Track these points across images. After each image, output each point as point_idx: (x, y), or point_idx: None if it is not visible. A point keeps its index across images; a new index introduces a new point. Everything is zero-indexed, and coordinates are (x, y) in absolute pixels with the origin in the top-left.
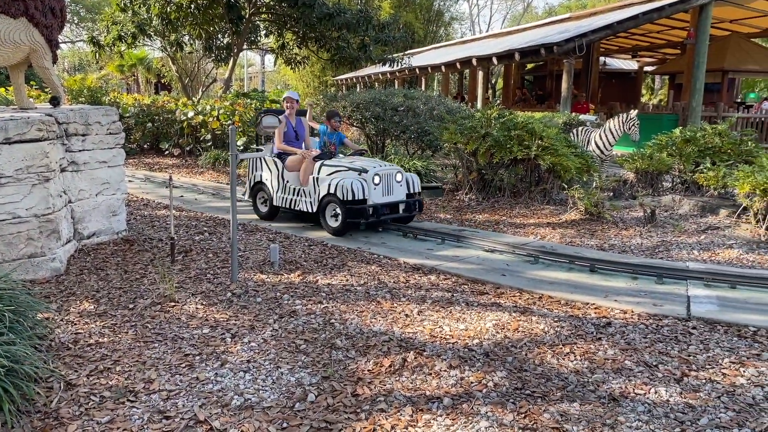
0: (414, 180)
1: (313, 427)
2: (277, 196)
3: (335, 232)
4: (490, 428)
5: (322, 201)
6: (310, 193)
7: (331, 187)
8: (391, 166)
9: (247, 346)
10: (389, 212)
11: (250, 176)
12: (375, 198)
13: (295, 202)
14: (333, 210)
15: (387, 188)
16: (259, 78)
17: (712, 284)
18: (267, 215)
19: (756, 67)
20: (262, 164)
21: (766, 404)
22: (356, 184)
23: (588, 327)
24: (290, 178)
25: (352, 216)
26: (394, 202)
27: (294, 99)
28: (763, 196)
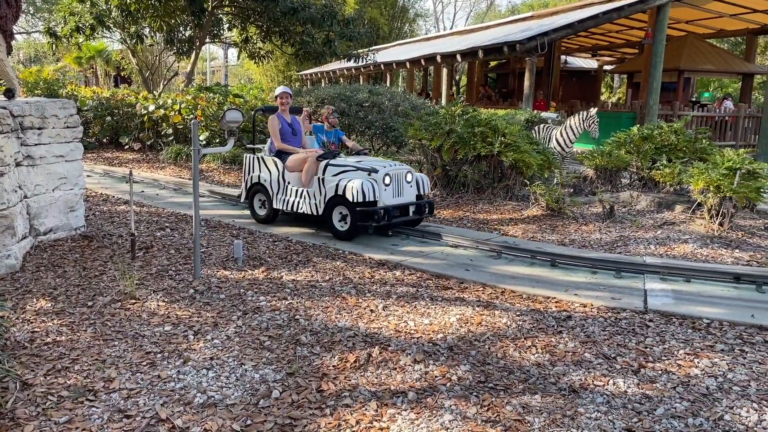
0: (424, 180)
1: (277, 424)
2: (278, 198)
3: (343, 236)
4: (454, 421)
5: (329, 203)
6: (315, 194)
7: (339, 188)
8: (400, 166)
9: (210, 344)
10: (399, 214)
11: (247, 177)
12: (385, 199)
13: (298, 205)
14: (341, 213)
15: (397, 189)
16: (222, 72)
17: (668, 278)
18: (266, 218)
19: (710, 67)
20: (260, 164)
21: (720, 394)
22: (366, 184)
23: (549, 320)
24: (292, 178)
25: (362, 219)
26: (405, 203)
27: (288, 94)
28: (717, 192)
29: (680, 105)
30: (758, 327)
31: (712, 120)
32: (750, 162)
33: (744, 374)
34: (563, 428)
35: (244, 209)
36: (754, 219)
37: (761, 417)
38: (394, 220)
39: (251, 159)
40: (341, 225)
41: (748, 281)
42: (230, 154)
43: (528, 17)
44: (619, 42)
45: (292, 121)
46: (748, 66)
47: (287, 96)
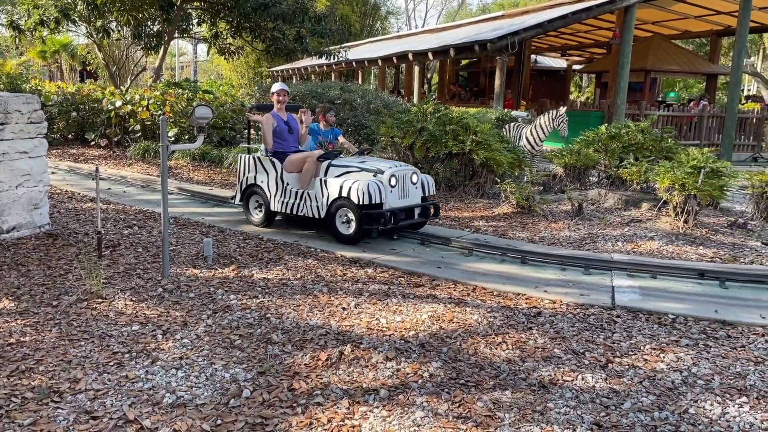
0: (429, 181)
1: (248, 423)
2: (275, 201)
3: (347, 240)
4: (426, 418)
5: (332, 205)
6: (317, 196)
7: (344, 189)
8: (406, 166)
9: (179, 343)
10: (404, 217)
11: (242, 178)
12: (391, 201)
13: (298, 207)
14: (345, 215)
15: (403, 190)
16: (191, 68)
17: (635, 275)
18: (262, 221)
19: (676, 68)
20: (256, 164)
21: (685, 388)
22: (372, 186)
23: (519, 317)
24: (291, 180)
25: (368, 222)
26: (410, 205)
27: (286, 92)
28: (682, 190)
29: (647, 105)
30: (721, 322)
31: (679, 119)
32: (714, 161)
33: (708, 368)
34: (533, 423)
35: (214, 206)
36: (717, 217)
37: (724, 410)
38: (401, 223)
39: (246, 159)
40: (345, 228)
41: (712, 277)
42: (200, 150)
43: (499, 16)
44: (587, 42)
45: (289, 118)
46: (712, 67)
47: (285, 93)
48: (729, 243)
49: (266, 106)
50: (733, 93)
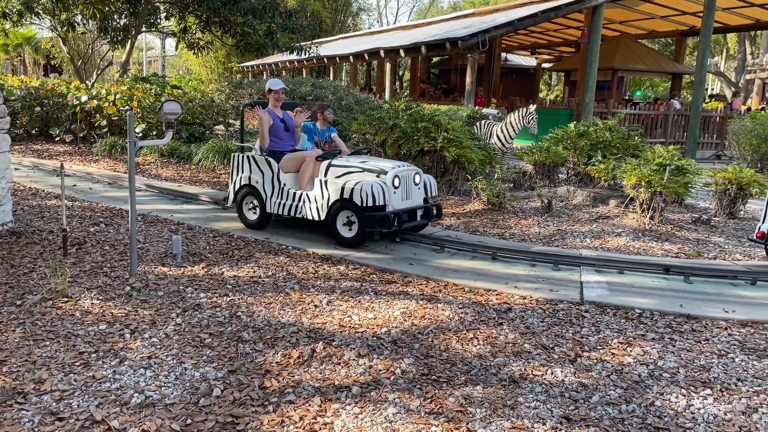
0: (431, 182)
1: (219, 423)
2: (272, 202)
3: (349, 244)
4: (398, 414)
5: (332, 207)
6: (316, 198)
7: (345, 190)
8: (408, 167)
9: (147, 342)
10: (408, 219)
11: (235, 178)
12: (395, 203)
13: (296, 209)
14: (346, 217)
15: (406, 191)
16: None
17: (603, 270)
18: (257, 223)
19: (642, 67)
20: (250, 164)
21: (651, 381)
22: (376, 187)
23: (490, 313)
24: (288, 180)
25: (372, 224)
26: (413, 207)
27: (284, 89)
28: (648, 187)
29: (614, 103)
30: (686, 316)
31: (645, 118)
32: (679, 158)
33: (673, 361)
34: (504, 418)
35: (183, 204)
36: (682, 213)
37: (689, 402)
38: (404, 225)
39: (240, 158)
40: (346, 231)
41: (677, 272)
42: (168, 147)
43: (470, 14)
44: (556, 41)
45: (285, 116)
46: (677, 66)
47: (283, 91)
48: (693, 239)
49: (260, 103)
50: (698, 92)
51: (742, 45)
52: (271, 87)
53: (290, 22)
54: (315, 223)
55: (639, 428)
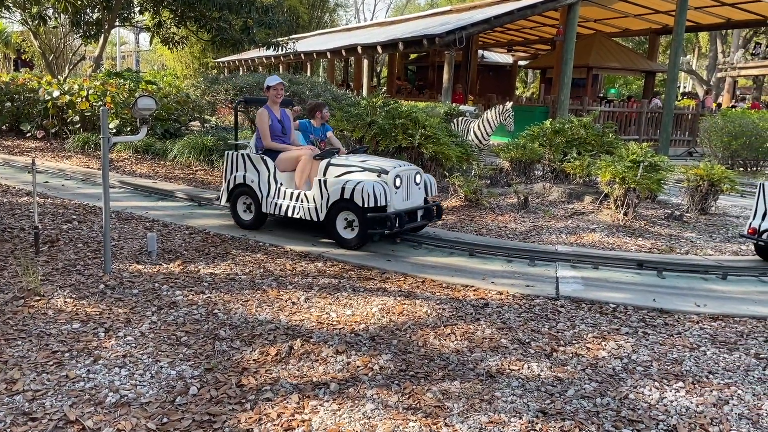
0: (431, 182)
1: (195, 421)
2: (268, 202)
3: (349, 245)
4: (376, 410)
5: (332, 208)
6: (315, 198)
7: (346, 190)
8: (409, 166)
9: (122, 341)
10: (408, 220)
11: (229, 177)
12: (396, 204)
13: (294, 209)
14: (346, 218)
15: (407, 192)
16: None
17: (578, 266)
18: (252, 223)
19: (616, 65)
20: (245, 163)
21: (625, 374)
22: (378, 187)
23: (468, 308)
24: (285, 180)
25: (373, 226)
26: (414, 207)
27: (283, 85)
28: (622, 184)
29: (589, 100)
30: (659, 310)
31: (620, 115)
32: (652, 155)
33: (647, 355)
34: (481, 412)
35: (158, 200)
36: (655, 209)
37: (662, 395)
38: (406, 227)
39: (234, 157)
40: (347, 232)
41: (650, 267)
42: (143, 143)
43: (447, 11)
44: (532, 38)
45: (282, 116)
46: (650, 64)
47: (282, 87)
48: (666, 234)
49: (256, 99)
50: (671, 90)
51: (713, 44)
52: (268, 83)
53: (267, 17)
54: (312, 224)
55: (613, 421)
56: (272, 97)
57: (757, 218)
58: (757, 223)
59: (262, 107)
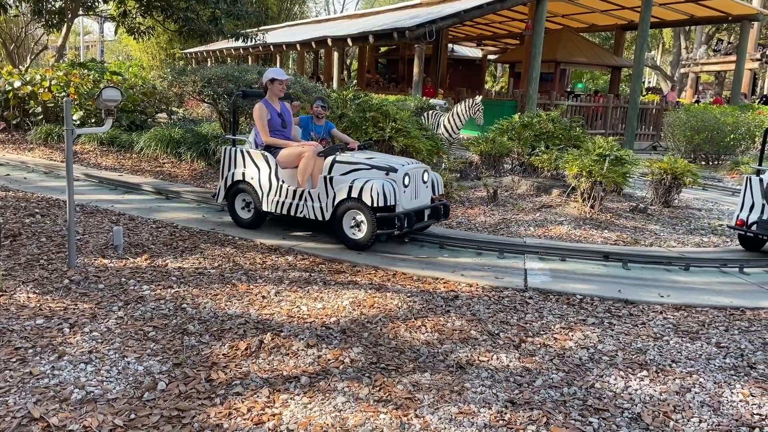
0: (438, 180)
1: (164, 416)
2: (269, 200)
3: (356, 246)
4: (347, 403)
5: (339, 207)
6: (320, 196)
7: (354, 189)
8: (417, 164)
9: (88, 336)
10: (416, 219)
11: (226, 174)
12: (405, 203)
13: (297, 208)
14: (354, 218)
15: (415, 190)
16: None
17: (546, 258)
18: (251, 222)
19: (583, 60)
20: (244, 159)
21: (591, 364)
22: (388, 186)
23: (438, 301)
24: (287, 177)
25: (383, 226)
26: (421, 207)
27: (284, 79)
28: (589, 177)
29: (557, 95)
30: (624, 301)
31: (586, 110)
32: (618, 149)
33: (612, 345)
34: (451, 404)
35: (124, 193)
36: (620, 202)
37: (627, 384)
38: (415, 227)
39: (232, 153)
40: (354, 232)
41: (616, 259)
42: (108, 135)
43: (417, 4)
44: (501, 33)
45: (282, 110)
46: (616, 59)
47: (284, 81)
48: (631, 227)
49: (253, 92)
50: (636, 85)
51: (677, 40)
52: (275, 77)
53: (235, 8)
54: (316, 223)
55: (580, 410)
56: (274, 91)
57: (744, 210)
58: (745, 215)
59: (259, 101)
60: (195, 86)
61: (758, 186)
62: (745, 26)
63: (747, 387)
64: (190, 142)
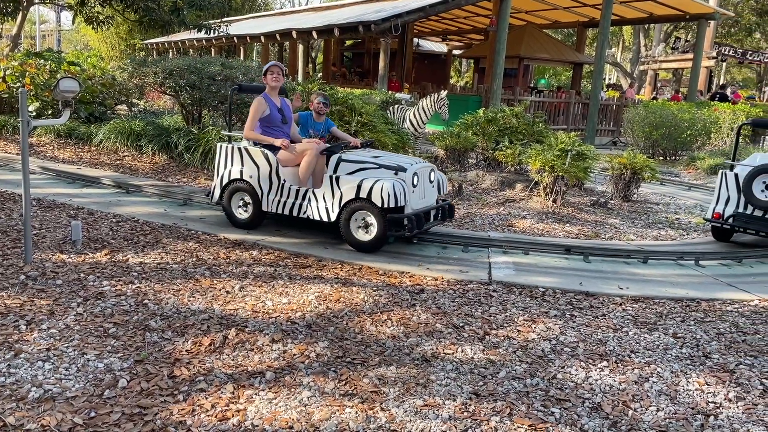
0: (443, 180)
1: (125, 414)
2: (269, 200)
3: (365, 248)
4: (312, 398)
5: (345, 207)
6: (325, 196)
7: (362, 189)
8: (424, 163)
9: (45, 333)
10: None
11: (222, 172)
12: (413, 203)
13: (300, 208)
14: (362, 219)
15: (422, 190)
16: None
17: (510, 251)
18: (248, 222)
19: (546, 56)
20: (242, 156)
21: (553, 355)
22: (398, 186)
23: (404, 294)
24: (289, 176)
25: (392, 227)
26: (428, 207)
27: (281, 69)
28: (551, 172)
29: (520, 90)
30: (585, 293)
31: (549, 105)
32: (579, 144)
33: (573, 336)
34: (416, 396)
35: (82, 187)
36: (582, 196)
37: (588, 374)
38: (424, 228)
39: (228, 150)
40: (362, 234)
41: (577, 252)
42: (65, 127)
43: None
44: (466, 28)
45: (282, 105)
46: (578, 56)
47: (279, 72)
48: (592, 220)
49: (250, 87)
50: (597, 81)
51: (636, 38)
52: (266, 66)
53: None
54: (317, 223)
55: (542, 401)
56: (270, 83)
57: (720, 204)
58: (721, 208)
59: (259, 95)
60: (156, 78)
61: (733, 180)
62: (702, 25)
63: (702, 376)
64: (151, 134)
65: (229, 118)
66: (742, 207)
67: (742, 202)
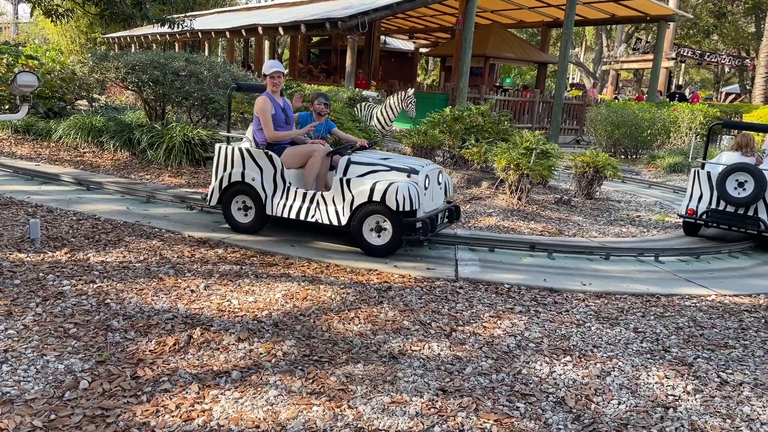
0: (449, 181)
1: (87, 416)
2: (274, 203)
3: (378, 253)
4: (279, 396)
5: (357, 211)
6: (335, 199)
7: (375, 192)
8: (433, 165)
9: (3, 335)
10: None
11: (222, 174)
12: (425, 206)
13: (308, 212)
14: (376, 223)
15: (432, 193)
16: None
17: (476, 248)
18: (250, 226)
19: (512, 55)
20: (244, 158)
21: (518, 351)
22: (412, 189)
23: (371, 292)
24: (295, 178)
25: (407, 231)
26: (437, 209)
27: (281, 72)
28: (516, 170)
29: (486, 89)
30: (549, 290)
31: (514, 104)
32: (544, 143)
33: (538, 332)
34: (384, 393)
35: (41, 184)
36: (546, 194)
37: (552, 369)
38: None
39: (228, 151)
40: (374, 238)
41: (542, 249)
42: (23, 122)
43: None
44: (433, 26)
45: (284, 104)
46: (543, 56)
47: (280, 75)
48: (556, 218)
49: (249, 86)
50: (561, 80)
51: (599, 38)
52: (264, 72)
53: None
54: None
55: (508, 395)
56: (270, 87)
57: (693, 200)
58: (695, 205)
59: (262, 94)
60: (118, 72)
61: (705, 178)
62: (662, 26)
63: (662, 369)
64: (113, 130)
65: (228, 118)
66: (715, 203)
67: (715, 198)
